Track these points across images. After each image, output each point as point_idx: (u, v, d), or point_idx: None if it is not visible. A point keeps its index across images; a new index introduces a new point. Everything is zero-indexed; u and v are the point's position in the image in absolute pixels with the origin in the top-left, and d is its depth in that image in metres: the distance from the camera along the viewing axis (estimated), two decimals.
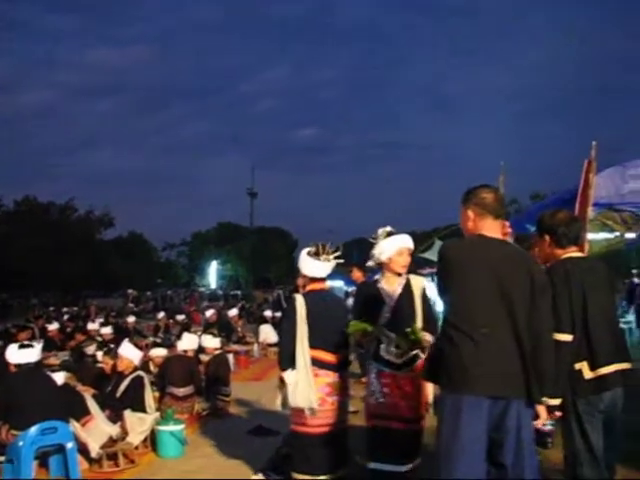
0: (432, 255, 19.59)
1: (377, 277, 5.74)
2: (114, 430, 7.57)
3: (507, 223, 4.15)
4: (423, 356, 5.26)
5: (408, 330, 5.17)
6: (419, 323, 5.34)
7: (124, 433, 7.69)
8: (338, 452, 5.73)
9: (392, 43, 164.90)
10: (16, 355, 7.22)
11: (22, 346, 7.39)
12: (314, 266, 5.84)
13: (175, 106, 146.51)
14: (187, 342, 10.56)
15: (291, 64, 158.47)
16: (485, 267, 3.76)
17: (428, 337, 5.21)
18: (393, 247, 5.48)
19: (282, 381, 5.68)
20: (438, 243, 18.69)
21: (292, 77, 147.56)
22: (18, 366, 7.19)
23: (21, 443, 6.60)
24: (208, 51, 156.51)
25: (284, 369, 5.66)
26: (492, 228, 3.96)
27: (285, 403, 5.70)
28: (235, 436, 8.84)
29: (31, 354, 7.28)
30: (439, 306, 5.28)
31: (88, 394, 8.10)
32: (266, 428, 8.77)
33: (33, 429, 6.63)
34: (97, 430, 7.45)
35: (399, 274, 5.52)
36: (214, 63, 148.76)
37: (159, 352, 10.77)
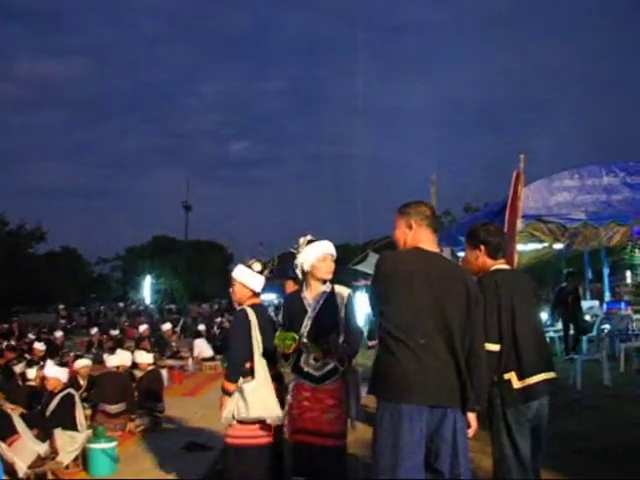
0: (366, 267, 19.74)
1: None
2: (42, 448, 7.39)
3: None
4: (342, 369, 5.20)
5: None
6: (341, 333, 5.30)
7: (54, 452, 7.53)
8: (277, 467, 5.63)
9: (329, 57, 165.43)
10: None
11: None
12: (258, 281, 5.79)
13: (113, 119, 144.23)
14: (119, 358, 10.43)
15: (229, 78, 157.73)
16: (422, 279, 3.82)
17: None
18: (315, 254, 5.39)
19: (228, 393, 5.48)
20: (372, 255, 18.83)
21: (229, 91, 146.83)
22: None
23: None
24: (146, 64, 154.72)
25: (233, 381, 5.47)
26: (430, 241, 4.03)
27: (233, 416, 5.48)
28: (169, 452, 8.73)
29: None
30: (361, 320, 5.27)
31: (16, 413, 7.89)
32: (200, 444, 8.68)
33: None
34: (24, 449, 7.25)
35: (324, 281, 5.48)
36: (152, 76, 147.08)
37: (83, 363, 10.67)
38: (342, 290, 5.47)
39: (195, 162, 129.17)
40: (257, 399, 5.38)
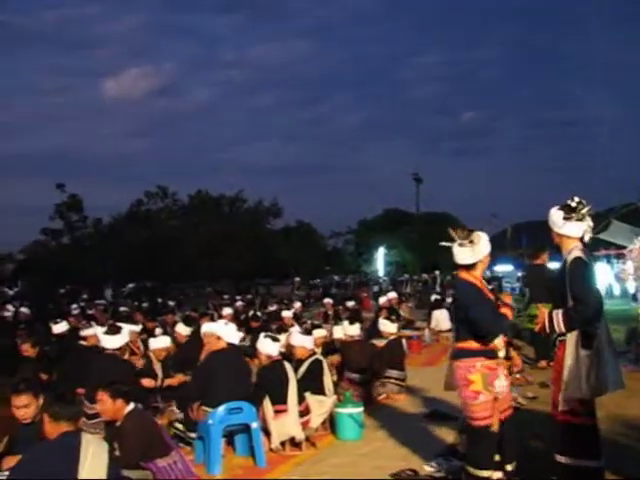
0: (608, 236, 18.70)
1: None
2: (298, 434, 7.60)
3: None
4: None
5: None
6: None
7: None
8: (509, 444, 5.54)
9: (554, 19, 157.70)
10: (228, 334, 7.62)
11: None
12: (456, 251, 5.60)
13: (335, 96, 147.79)
14: (355, 328, 10.67)
15: (448, 48, 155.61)
16: None
17: None
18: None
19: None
20: (615, 224, 17.82)
21: (450, 61, 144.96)
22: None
23: (210, 421, 6.90)
24: (364, 41, 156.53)
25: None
26: None
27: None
28: (411, 420, 8.81)
29: (235, 335, 7.70)
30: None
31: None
32: (443, 413, 8.64)
33: (221, 408, 6.91)
34: (284, 426, 7.54)
35: None
36: (371, 52, 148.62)
37: (320, 333, 10.89)
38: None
39: (423, 134, 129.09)
40: None
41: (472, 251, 5.50)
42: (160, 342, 9.16)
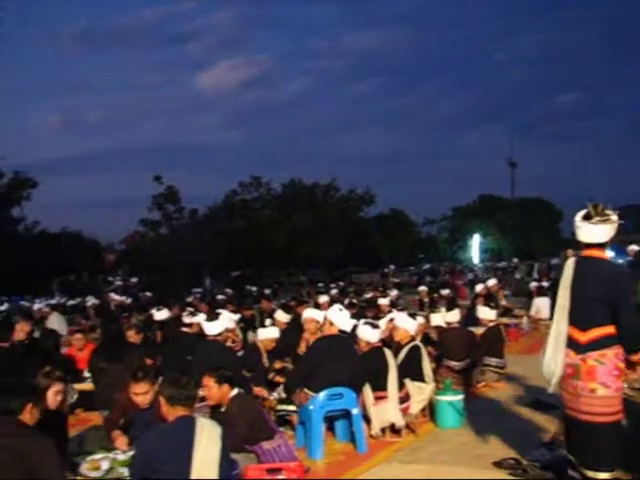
0: None
1: None
2: (398, 420, 7.59)
3: None
4: None
5: None
6: None
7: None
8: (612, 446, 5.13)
9: None
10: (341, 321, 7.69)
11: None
12: (586, 230, 5.18)
13: (429, 83, 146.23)
14: (454, 315, 10.61)
15: (546, 29, 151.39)
16: None
17: None
18: None
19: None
20: None
21: (546, 42, 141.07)
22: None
23: (312, 407, 7.01)
24: (458, 24, 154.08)
25: None
26: None
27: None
28: (512, 409, 8.72)
29: (349, 322, 7.76)
30: None
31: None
32: (545, 402, 8.49)
33: (322, 394, 7.00)
34: (384, 413, 7.55)
35: None
36: (465, 36, 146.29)
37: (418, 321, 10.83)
38: None
39: (518, 118, 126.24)
40: None
41: (608, 228, 5.16)
42: (270, 332, 9.26)
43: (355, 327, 8.09)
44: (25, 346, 10.10)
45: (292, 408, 7.55)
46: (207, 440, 4.40)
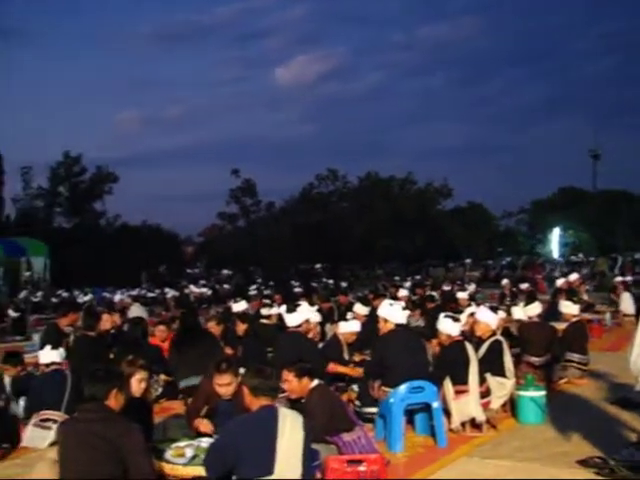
0: None
1: None
2: (479, 415, 7.49)
3: None
4: None
5: None
6: None
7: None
8: None
9: None
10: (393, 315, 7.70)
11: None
12: None
13: (507, 73, 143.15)
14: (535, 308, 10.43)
15: (628, 13, 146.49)
16: None
17: None
18: None
19: None
20: None
21: (631, 28, 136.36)
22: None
23: (392, 400, 6.99)
24: (534, 14, 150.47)
25: None
26: None
27: None
28: (596, 406, 8.52)
29: (402, 315, 7.76)
30: None
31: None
32: (633, 400, 8.23)
33: (403, 387, 6.98)
34: (465, 407, 7.47)
35: None
36: (543, 25, 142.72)
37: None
38: None
39: (600, 108, 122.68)
40: None
41: None
42: (351, 326, 9.31)
43: (434, 320, 8.06)
44: (111, 336, 10.43)
45: (374, 410, 7.54)
46: (290, 429, 4.46)
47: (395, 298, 13.87)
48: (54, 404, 7.61)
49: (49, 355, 8.07)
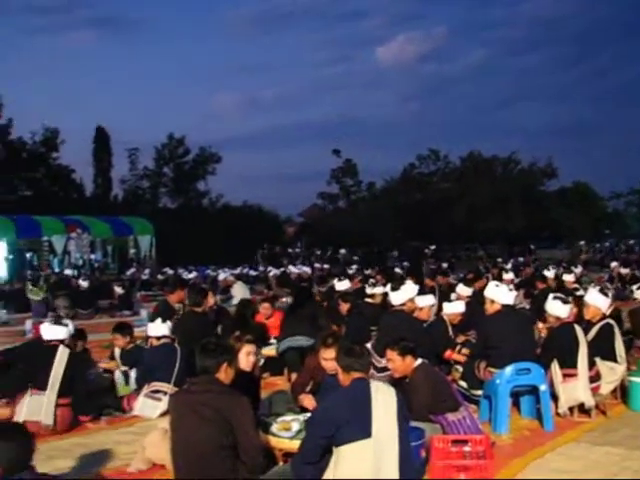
0: None
1: None
2: (588, 400, 7.23)
3: None
4: None
5: None
6: None
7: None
8: None
9: None
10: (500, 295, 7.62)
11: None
12: None
13: (612, 49, 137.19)
14: None
15: None
16: None
17: None
18: None
19: None
20: None
21: None
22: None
23: (498, 381, 6.90)
24: None
25: None
26: None
27: None
28: None
29: (509, 296, 7.62)
30: None
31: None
32: None
33: (509, 368, 6.88)
34: (573, 391, 7.25)
35: None
36: None
37: None
38: None
39: None
40: None
41: None
42: (457, 307, 9.23)
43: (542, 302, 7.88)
44: (214, 312, 10.70)
45: (475, 393, 7.45)
46: (383, 399, 4.53)
47: (497, 279, 13.66)
48: (164, 376, 7.84)
49: (160, 328, 8.30)
